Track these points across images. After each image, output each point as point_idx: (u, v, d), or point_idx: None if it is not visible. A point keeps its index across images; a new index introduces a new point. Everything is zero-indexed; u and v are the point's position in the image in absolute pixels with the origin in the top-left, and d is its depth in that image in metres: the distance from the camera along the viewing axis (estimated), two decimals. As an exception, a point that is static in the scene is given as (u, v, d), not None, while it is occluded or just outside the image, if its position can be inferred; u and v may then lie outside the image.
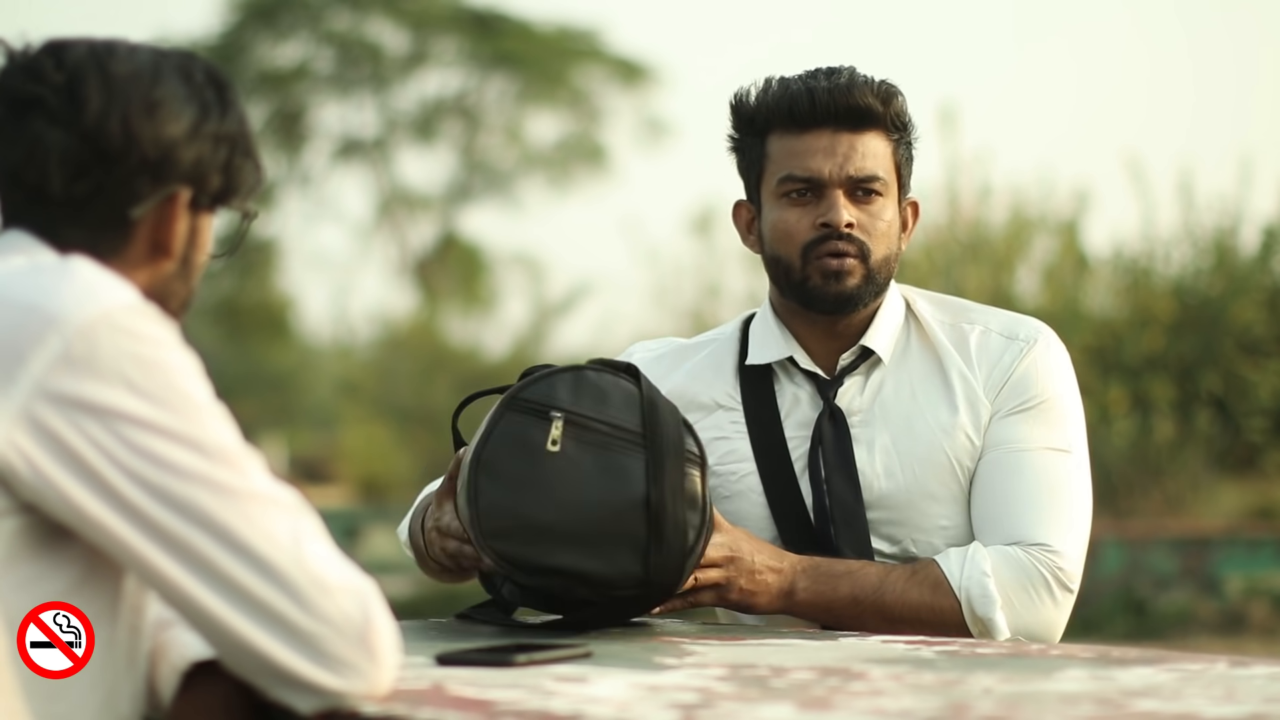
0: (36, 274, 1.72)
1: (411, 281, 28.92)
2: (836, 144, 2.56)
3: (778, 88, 2.59)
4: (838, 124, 2.56)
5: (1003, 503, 2.52)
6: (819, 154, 2.56)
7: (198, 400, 1.69)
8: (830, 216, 2.55)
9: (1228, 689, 1.79)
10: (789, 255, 2.58)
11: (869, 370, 2.62)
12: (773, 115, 2.58)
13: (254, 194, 1.91)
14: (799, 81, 2.58)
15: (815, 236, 2.56)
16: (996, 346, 2.59)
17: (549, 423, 2.29)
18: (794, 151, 2.57)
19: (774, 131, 2.59)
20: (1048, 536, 2.48)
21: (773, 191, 2.59)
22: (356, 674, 1.68)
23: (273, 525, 1.67)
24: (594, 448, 2.29)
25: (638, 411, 2.32)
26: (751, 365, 2.65)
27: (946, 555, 2.49)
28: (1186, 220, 15.13)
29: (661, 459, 2.29)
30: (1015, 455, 2.54)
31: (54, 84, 1.79)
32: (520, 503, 2.27)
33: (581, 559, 2.27)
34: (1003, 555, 2.48)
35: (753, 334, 2.68)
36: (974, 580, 2.46)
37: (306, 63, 29.34)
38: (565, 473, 2.28)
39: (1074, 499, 2.53)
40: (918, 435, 2.58)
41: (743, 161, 2.65)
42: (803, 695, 1.77)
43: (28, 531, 1.69)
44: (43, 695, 1.71)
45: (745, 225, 2.67)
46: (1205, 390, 14.18)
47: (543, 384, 2.32)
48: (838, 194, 2.56)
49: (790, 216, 2.57)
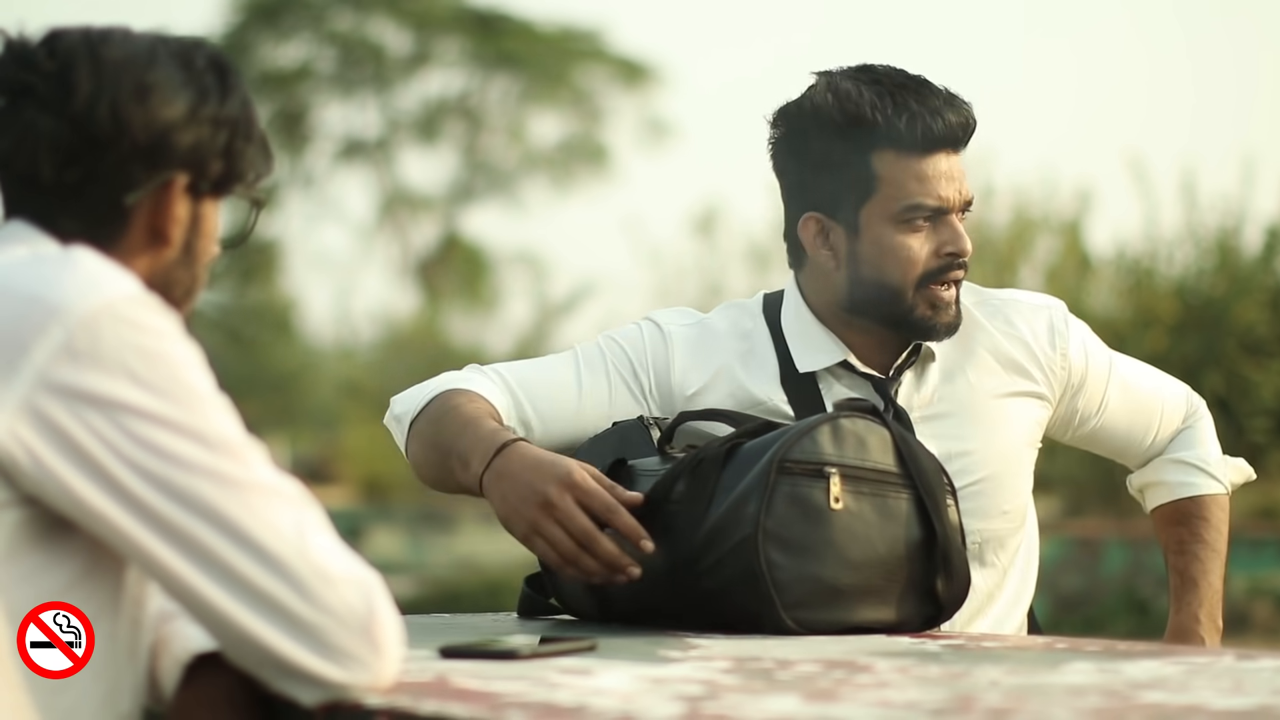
0: (38, 264, 1.71)
1: (414, 282, 28.94)
2: (953, 168, 2.49)
3: (885, 102, 2.46)
4: (951, 147, 2.49)
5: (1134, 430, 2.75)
6: (942, 180, 2.48)
7: (200, 391, 1.68)
8: (959, 245, 2.49)
9: (1235, 681, 1.78)
10: (901, 283, 2.49)
11: (922, 364, 2.57)
12: (890, 135, 2.46)
13: (260, 180, 1.89)
14: (909, 98, 2.47)
15: (938, 265, 2.49)
16: (1041, 319, 2.64)
17: (826, 480, 2.24)
18: (920, 176, 2.47)
19: (884, 150, 2.47)
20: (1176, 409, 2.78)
21: (889, 216, 2.48)
22: (360, 666, 1.67)
23: (276, 516, 1.66)
24: (870, 496, 2.25)
25: (892, 451, 2.28)
26: (794, 373, 2.56)
27: (1189, 475, 2.77)
28: (1189, 220, 15.13)
29: (934, 495, 2.28)
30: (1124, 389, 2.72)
31: (45, 71, 1.77)
32: (816, 569, 2.22)
33: (879, 610, 2.24)
34: (1200, 445, 2.78)
35: (792, 337, 2.57)
36: (1218, 464, 2.78)
37: (309, 63, 29.37)
38: (852, 528, 2.24)
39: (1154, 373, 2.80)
40: (984, 420, 2.56)
41: (819, 173, 2.51)
42: (808, 688, 1.76)
43: (30, 524, 1.68)
44: (46, 689, 1.70)
45: (816, 239, 2.54)
46: (1208, 391, 14.14)
47: (805, 441, 2.25)
48: (958, 220, 2.51)
49: (913, 244, 2.48)
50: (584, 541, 2.23)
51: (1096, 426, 2.71)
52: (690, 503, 2.27)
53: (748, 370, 2.56)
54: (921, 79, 2.50)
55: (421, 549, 18.29)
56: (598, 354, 2.58)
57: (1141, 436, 2.76)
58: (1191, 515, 2.76)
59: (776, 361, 2.57)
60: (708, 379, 2.55)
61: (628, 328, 2.63)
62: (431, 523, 19.49)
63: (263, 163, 1.88)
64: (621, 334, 2.61)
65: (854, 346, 2.56)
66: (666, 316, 2.64)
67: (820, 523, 2.23)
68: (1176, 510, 2.77)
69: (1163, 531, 2.78)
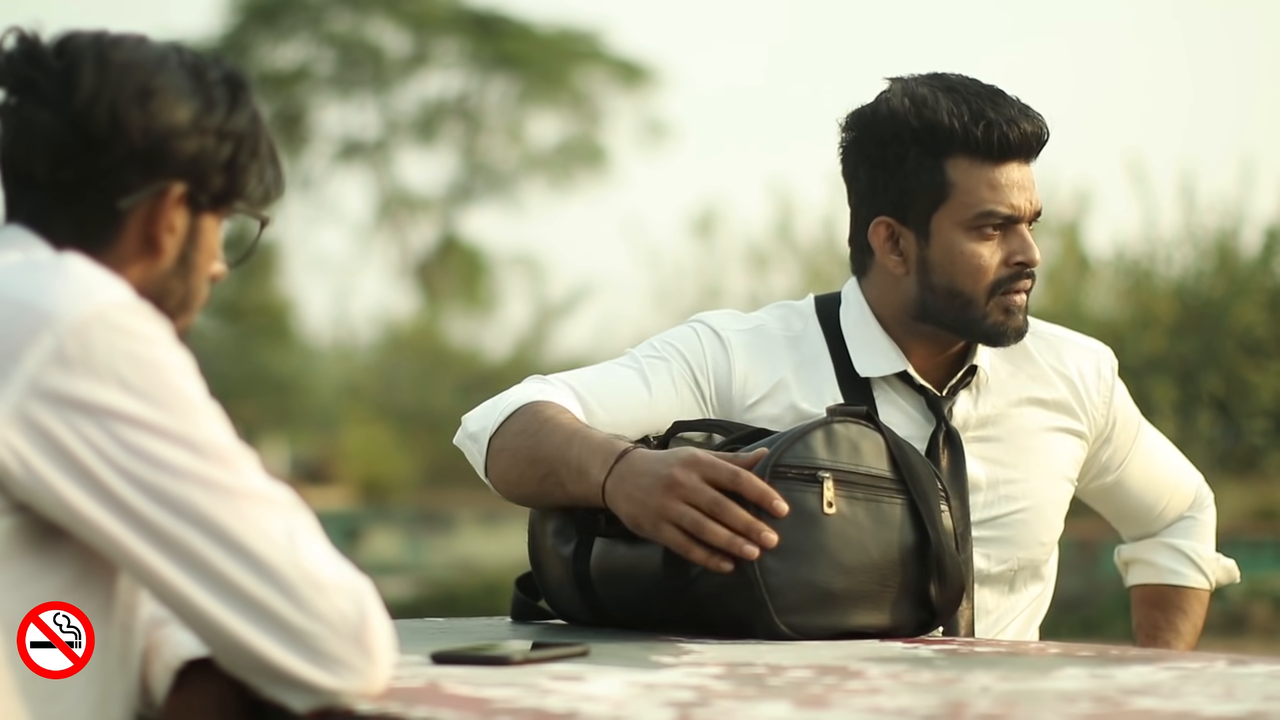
0: (31, 271, 1.71)
1: (412, 283, 28.94)
2: (1025, 178, 2.50)
3: (966, 111, 2.47)
4: (1026, 155, 2.50)
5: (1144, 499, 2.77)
6: (1015, 189, 2.48)
7: (192, 398, 1.68)
8: (1029, 255, 2.49)
9: (1227, 687, 1.78)
10: (974, 291, 2.49)
11: (976, 386, 2.57)
12: (966, 142, 2.46)
13: (267, 199, 1.86)
14: (986, 105, 2.48)
15: (1008, 274, 2.49)
16: (1089, 361, 2.65)
17: (819, 484, 2.24)
18: (993, 184, 2.48)
19: (959, 157, 2.47)
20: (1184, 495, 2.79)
21: (961, 222, 2.48)
22: (352, 672, 1.67)
23: (267, 524, 1.66)
24: (864, 501, 2.26)
25: (886, 456, 2.28)
26: (854, 377, 2.55)
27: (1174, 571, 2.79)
28: (1188, 222, 15.15)
29: (928, 500, 2.28)
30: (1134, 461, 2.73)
31: (50, 69, 1.77)
32: (809, 573, 2.22)
33: (873, 615, 2.25)
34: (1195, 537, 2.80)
35: (854, 341, 2.56)
36: (1209, 561, 2.79)
37: (307, 64, 29.38)
38: (845, 533, 2.24)
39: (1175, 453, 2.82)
40: (1031, 450, 2.57)
41: (893, 178, 2.50)
42: (800, 693, 1.76)
43: (21, 531, 1.68)
44: (40, 697, 1.70)
45: (886, 244, 2.53)
46: (1207, 392, 14.19)
47: (799, 445, 2.25)
48: (1028, 230, 2.52)
49: (984, 252, 2.49)
50: (713, 511, 2.18)
51: (1110, 484, 2.72)
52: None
53: (800, 381, 2.54)
54: (996, 89, 2.51)
55: (420, 550, 18.30)
56: (659, 360, 2.53)
57: (1148, 508, 2.78)
58: (1171, 604, 2.79)
59: (832, 365, 2.56)
60: (767, 389, 2.54)
61: (681, 331, 2.59)
62: (430, 524, 19.50)
63: (272, 181, 1.86)
64: (677, 339, 2.57)
65: (913, 357, 2.56)
66: (720, 321, 2.59)
67: (813, 527, 2.23)
68: (1158, 595, 2.81)
69: (1139, 610, 2.83)
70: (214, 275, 1.87)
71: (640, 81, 29.48)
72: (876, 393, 2.54)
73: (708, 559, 2.19)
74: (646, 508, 2.20)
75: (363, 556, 15.93)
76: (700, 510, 2.18)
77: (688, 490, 2.19)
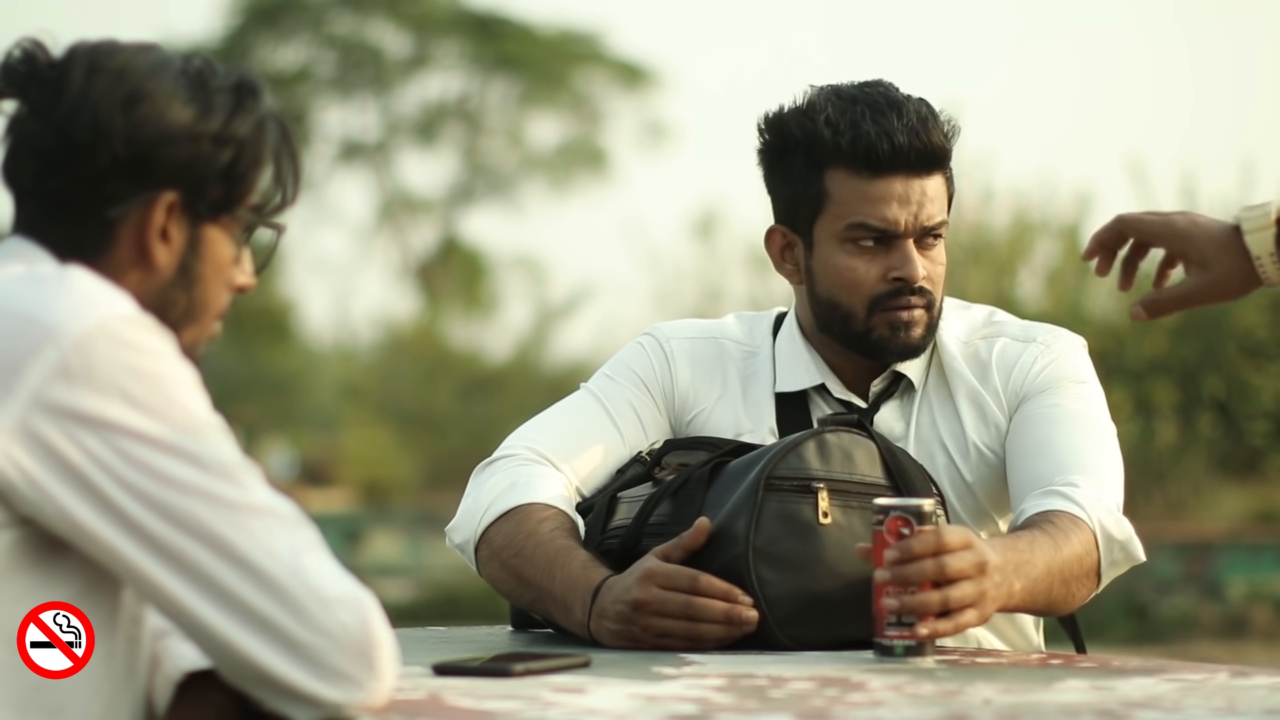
0: (34, 284, 1.71)
1: (413, 285, 28.92)
2: (909, 191, 2.41)
3: (843, 121, 2.40)
4: (910, 169, 2.40)
5: (1036, 460, 2.42)
6: (893, 203, 2.40)
7: (195, 412, 1.68)
8: (906, 271, 2.41)
9: (1229, 699, 1.78)
10: (851, 305, 2.44)
11: (903, 395, 2.52)
12: (839, 153, 2.40)
13: (277, 207, 1.84)
14: (865, 116, 2.40)
15: (886, 290, 2.42)
16: (1013, 352, 2.51)
17: (814, 495, 2.24)
18: (866, 197, 2.41)
19: (836, 168, 2.42)
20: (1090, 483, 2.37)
21: (835, 234, 2.44)
22: (355, 686, 1.67)
23: (271, 538, 1.66)
24: (859, 510, 2.24)
25: (880, 464, 2.28)
26: (784, 392, 2.52)
27: (1046, 503, 2.32)
28: (1189, 224, 15.10)
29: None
30: (1048, 412, 2.45)
31: (43, 77, 1.76)
32: (808, 584, 2.22)
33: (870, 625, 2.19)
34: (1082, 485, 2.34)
35: (780, 357, 2.54)
36: (1097, 509, 2.32)
37: (308, 65, 29.35)
38: (842, 542, 2.23)
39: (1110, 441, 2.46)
40: (964, 455, 2.50)
41: (784, 185, 2.48)
42: (801, 705, 1.76)
43: (25, 544, 1.68)
44: (45, 708, 1.70)
45: (780, 252, 2.52)
46: (1207, 394, 14.17)
47: (791, 456, 2.24)
48: (910, 245, 2.42)
49: (858, 266, 2.43)
50: (687, 615, 2.20)
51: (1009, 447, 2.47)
52: (677, 524, 2.27)
53: (744, 395, 2.53)
54: (900, 98, 2.42)
55: (421, 552, 18.26)
56: (617, 387, 2.53)
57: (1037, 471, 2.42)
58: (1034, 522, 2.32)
59: (773, 381, 2.54)
60: (710, 402, 2.53)
61: (631, 348, 2.58)
62: (431, 526, 19.46)
63: (287, 188, 1.84)
64: (628, 358, 2.56)
65: (835, 368, 2.53)
66: (669, 331, 2.59)
67: (810, 538, 2.23)
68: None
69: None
70: (239, 286, 1.85)
71: (641, 83, 29.45)
72: (811, 406, 2.52)
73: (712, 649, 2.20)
74: (631, 635, 2.22)
75: (363, 558, 15.91)
76: (676, 618, 2.19)
77: (656, 605, 2.20)
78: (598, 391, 2.54)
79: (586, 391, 2.56)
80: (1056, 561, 2.25)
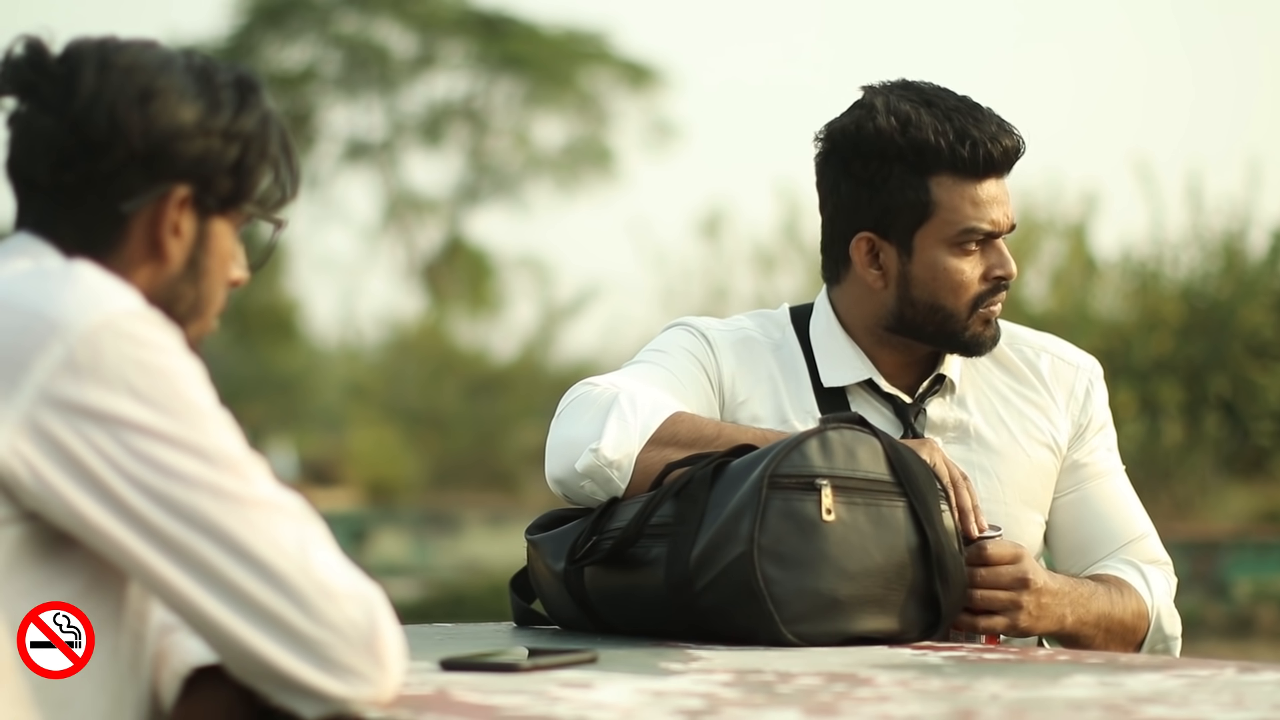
0: (41, 279, 1.71)
1: (419, 284, 28.94)
2: (1002, 193, 2.53)
3: (945, 127, 2.48)
4: (1001, 172, 2.52)
5: (1111, 521, 2.61)
6: (994, 205, 2.51)
7: (201, 406, 1.68)
8: (1007, 269, 2.53)
9: (1236, 695, 1.78)
10: (956, 305, 2.52)
11: (946, 394, 2.58)
12: (950, 159, 2.48)
13: (280, 202, 1.85)
14: (970, 123, 2.48)
15: (988, 289, 2.53)
16: (1067, 373, 2.64)
17: (817, 492, 2.24)
18: (975, 201, 2.50)
19: (941, 174, 2.48)
20: (1157, 549, 2.62)
21: (944, 239, 2.50)
22: (362, 680, 1.68)
23: (278, 532, 1.66)
24: (863, 506, 2.26)
25: (884, 460, 2.29)
26: (830, 387, 2.56)
27: (1123, 573, 2.55)
28: (1195, 223, 15.10)
29: (925, 501, 2.28)
30: (1108, 478, 2.64)
31: (53, 74, 1.76)
32: (813, 581, 2.23)
33: (880, 619, 2.25)
34: (1157, 573, 2.59)
35: (820, 352, 2.58)
36: (1163, 600, 2.55)
37: (314, 65, 29.36)
38: (847, 539, 2.24)
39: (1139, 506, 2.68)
40: (1005, 456, 2.57)
41: (878, 195, 2.51)
42: (809, 701, 1.76)
43: (31, 539, 1.68)
44: (49, 704, 1.70)
45: (867, 259, 2.54)
46: (1214, 393, 14.16)
47: (794, 455, 2.25)
48: (1004, 245, 2.55)
49: (965, 267, 2.51)
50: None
51: (1075, 499, 2.61)
52: (680, 524, 2.27)
53: (788, 385, 2.57)
54: (972, 102, 2.52)
55: (426, 551, 18.28)
56: (672, 361, 2.54)
57: (1110, 532, 2.61)
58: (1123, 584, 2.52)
59: (809, 375, 2.58)
60: (753, 389, 2.56)
61: (671, 333, 2.60)
62: (436, 525, 19.48)
63: (287, 183, 1.85)
64: (673, 340, 2.58)
65: (881, 365, 2.58)
66: (702, 323, 2.62)
67: (814, 535, 2.23)
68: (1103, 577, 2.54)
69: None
70: (234, 281, 1.86)
71: (646, 83, 29.46)
72: (852, 401, 2.56)
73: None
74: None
75: (369, 558, 15.92)
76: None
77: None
78: (657, 358, 2.55)
79: (643, 362, 2.56)
80: (1108, 617, 2.46)
